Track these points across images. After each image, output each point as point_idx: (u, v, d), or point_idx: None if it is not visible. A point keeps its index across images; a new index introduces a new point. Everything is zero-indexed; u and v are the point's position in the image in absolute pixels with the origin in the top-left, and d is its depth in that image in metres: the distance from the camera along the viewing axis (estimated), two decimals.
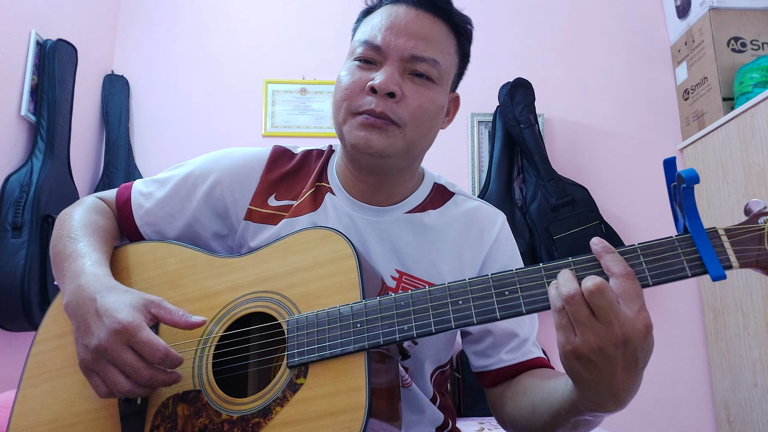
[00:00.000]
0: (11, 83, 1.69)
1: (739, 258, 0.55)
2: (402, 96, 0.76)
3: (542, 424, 0.70)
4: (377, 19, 0.81)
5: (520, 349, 0.82)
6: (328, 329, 0.65)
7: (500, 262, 0.86)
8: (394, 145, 0.77)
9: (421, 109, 0.78)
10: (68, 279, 0.73)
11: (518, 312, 0.59)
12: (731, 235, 0.56)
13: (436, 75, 0.79)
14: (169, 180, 0.89)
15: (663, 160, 0.59)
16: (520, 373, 0.81)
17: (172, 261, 0.80)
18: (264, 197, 0.87)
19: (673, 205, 0.60)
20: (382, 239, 0.84)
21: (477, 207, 0.90)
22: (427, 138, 0.82)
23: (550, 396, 0.68)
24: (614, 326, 0.52)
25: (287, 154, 0.91)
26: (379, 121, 0.75)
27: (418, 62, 0.77)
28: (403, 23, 0.78)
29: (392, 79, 0.75)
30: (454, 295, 0.62)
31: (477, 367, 0.85)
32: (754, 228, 0.55)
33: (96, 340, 0.63)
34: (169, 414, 0.67)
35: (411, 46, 0.77)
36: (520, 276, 0.60)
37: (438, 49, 0.79)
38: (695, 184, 0.55)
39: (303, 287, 0.70)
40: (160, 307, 0.67)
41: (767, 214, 0.56)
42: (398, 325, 0.63)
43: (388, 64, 0.77)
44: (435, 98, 0.80)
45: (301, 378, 0.64)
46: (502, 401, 0.81)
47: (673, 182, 0.58)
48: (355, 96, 0.78)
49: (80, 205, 0.87)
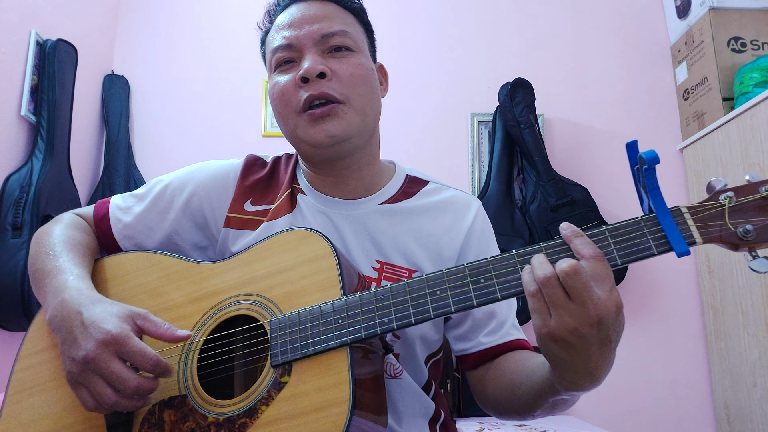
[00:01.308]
0: (11, 83, 1.69)
1: (703, 234, 0.57)
2: (332, 73, 0.79)
3: (522, 404, 0.72)
4: (277, 24, 0.85)
5: (499, 331, 0.84)
6: (310, 327, 0.66)
7: (478, 247, 0.87)
8: (351, 124, 0.79)
9: (354, 77, 0.80)
10: (50, 294, 0.73)
11: (494, 298, 0.61)
12: (694, 213, 0.58)
13: (352, 43, 0.83)
14: (147, 194, 0.91)
15: (625, 144, 0.61)
16: (499, 355, 0.83)
17: (153, 270, 0.80)
18: (240, 203, 0.88)
19: (638, 186, 0.62)
20: (359, 232, 0.85)
21: (452, 194, 0.91)
22: (372, 103, 0.83)
23: (528, 378, 0.70)
24: (589, 306, 0.54)
25: (259, 162, 0.94)
26: (326, 109, 0.77)
27: (331, 38, 0.81)
28: (300, 15, 0.82)
29: (316, 61, 0.78)
30: (432, 285, 0.64)
31: (457, 351, 0.87)
32: (715, 205, 0.58)
33: (83, 352, 0.63)
34: (156, 421, 0.68)
35: (317, 27, 0.81)
36: (494, 263, 0.62)
37: (341, 22, 0.83)
38: (656, 164, 0.57)
39: (284, 288, 0.71)
40: (145, 319, 0.67)
41: (727, 191, 0.58)
42: (378, 318, 0.64)
43: (306, 53, 0.80)
44: (362, 62, 0.83)
45: (285, 376, 0.64)
46: (483, 383, 0.83)
47: (636, 165, 0.61)
48: (291, 95, 0.80)
49: (58, 222, 0.87)
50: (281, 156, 0.95)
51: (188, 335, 0.67)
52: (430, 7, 2.44)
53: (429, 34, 2.41)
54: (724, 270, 1.98)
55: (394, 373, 0.82)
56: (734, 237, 0.56)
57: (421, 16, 2.43)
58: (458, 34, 2.41)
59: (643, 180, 0.59)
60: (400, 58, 2.33)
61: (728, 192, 0.58)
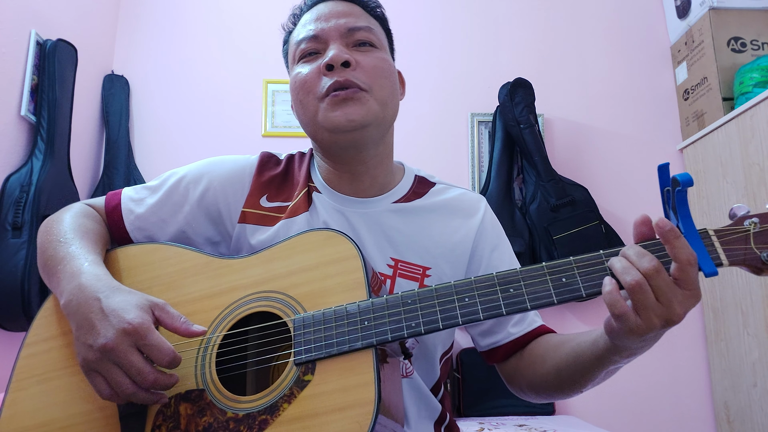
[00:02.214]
0: (11, 83, 1.69)
1: (729, 256, 0.60)
2: (356, 63, 0.81)
3: (571, 383, 0.75)
4: (304, 21, 0.87)
5: (525, 320, 0.86)
6: (335, 326, 0.66)
7: (490, 243, 0.89)
8: (371, 111, 0.80)
9: (377, 69, 0.82)
10: (65, 280, 0.72)
11: (523, 308, 0.63)
12: (720, 236, 0.61)
13: (376, 40, 0.85)
14: (160, 186, 0.90)
15: (657, 166, 0.62)
16: (528, 343, 0.85)
17: (170, 263, 0.79)
18: (256, 199, 0.88)
19: (666, 208, 0.64)
20: (374, 230, 0.85)
21: (460, 193, 0.93)
22: (393, 99, 0.85)
23: (577, 358, 0.72)
24: (675, 308, 0.58)
25: (274, 159, 0.94)
26: (350, 92, 0.78)
27: (356, 32, 0.83)
28: (328, 11, 0.85)
29: (341, 50, 0.80)
30: (460, 292, 0.65)
31: (485, 346, 0.88)
32: (740, 229, 0.61)
33: (103, 339, 0.62)
34: (171, 413, 0.67)
35: (344, 21, 0.83)
36: (524, 274, 0.64)
37: (366, 20, 0.86)
38: (689, 187, 0.59)
39: (307, 287, 0.70)
40: (163, 310, 0.67)
41: (751, 217, 0.61)
42: (406, 321, 0.64)
43: (331, 43, 0.82)
44: (385, 58, 0.85)
45: (309, 375, 0.64)
46: (518, 372, 0.84)
47: (667, 186, 0.62)
48: (314, 82, 0.81)
49: (68, 210, 0.86)
50: (294, 154, 0.96)
51: (203, 331, 0.67)
52: (430, 7, 2.44)
53: (429, 34, 2.41)
54: (724, 270, 1.97)
55: (406, 372, 0.82)
56: (758, 261, 0.60)
57: (421, 16, 2.43)
58: (458, 34, 2.41)
59: (674, 202, 0.61)
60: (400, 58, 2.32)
61: (753, 218, 0.61)
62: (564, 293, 0.62)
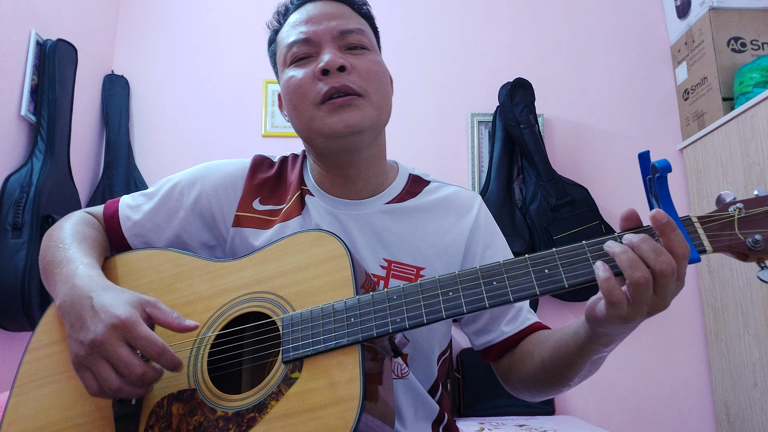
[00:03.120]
0: (11, 83, 1.69)
1: (713, 242, 0.59)
2: (351, 67, 0.80)
3: (558, 376, 0.75)
4: (292, 21, 0.86)
5: (518, 318, 0.86)
6: (323, 324, 0.66)
7: (483, 241, 0.89)
8: (367, 116, 0.80)
9: (372, 72, 0.82)
10: (60, 282, 0.74)
11: (506, 300, 0.62)
12: (704, 222, 0.61)
13: (368, 42, 0.85)
14: (156, 193, 0.91)
15: (638, 154, 0.63)
16: (521, 340, 0.85)
17: (166, 267, 0.81)
18: (249, 202, 0.89)
19: (649, 196, 0.64)
20: (366, 231, 0.86)
21: (454, 191, 0.93)
22: (387, 101, 0.85)
23: (560, 350, 0.72)
24: (668, 298, 0.58)
25: (267, 161, 0.95)
26: (348, 99, 0.78)
27: (349, 35, 0.82)
28: (317, 12, 0.84)
29: (336, 54, 0.80)
30: (444, 286, 0.65)
31: (480, 345, 0.88)
32: (725, 216, 0.60)
33: (92, 335, 0.63)
34: (163, 414, 0.68)
35: (335, 24, 0.82)
36: (506, 266, 0.64)
37: (357, 22, 0.86)
38: (668, 173, 0.59)
39: (297, 286, 0.71)
40: (155, 307, 0.68)
41: (736, 203, 0.61)
42: (391, 317, 0.65)
43: (325, 47, 0.81)
44: (378, 61, 0.85)
45: (296, 372, 0.65)
46: (511, 370, 0.85)
47: (648, 175, 0.62)
48: (309, 88, 0.80)
49: (69, 219, 0.89)
50: (288, 156, 0.96)
51: (196, 325, 0.68)
52: (430, 7, 2.44)
53: (429, 34, 2.41)
54: (724, 270, 1.98)
55: (401, 373, 0.83)
56: (744, 247, 0.58)
57: (421, 17, 2.43)
58: (458, 34, 2.41)
59: (655, 189, 0.61)
60: (401, 58, 2.33)
61: (738, 204, 0.60)
62: (547, 284, 0.62)
